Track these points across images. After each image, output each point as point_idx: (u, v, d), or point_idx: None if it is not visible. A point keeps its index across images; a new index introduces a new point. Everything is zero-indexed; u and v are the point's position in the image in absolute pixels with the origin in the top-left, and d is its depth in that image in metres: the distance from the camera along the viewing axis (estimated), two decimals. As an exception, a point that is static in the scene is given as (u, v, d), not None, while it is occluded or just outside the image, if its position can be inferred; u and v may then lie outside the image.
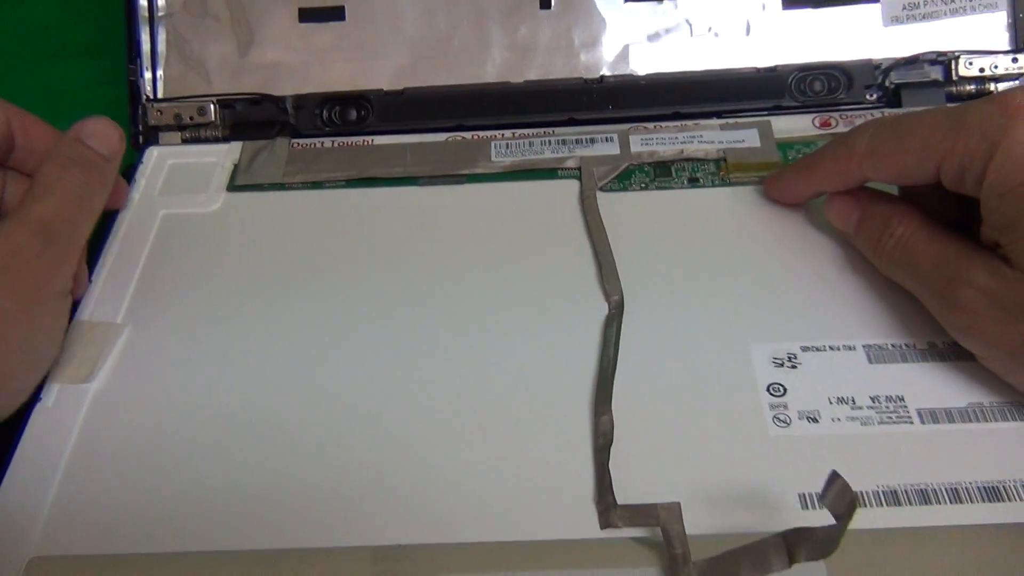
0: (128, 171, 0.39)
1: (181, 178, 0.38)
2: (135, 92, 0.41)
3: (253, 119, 0.41)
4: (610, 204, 0.36)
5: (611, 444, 0.27)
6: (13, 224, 0.29)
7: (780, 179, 0.35)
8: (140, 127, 0.41)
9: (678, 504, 0.24)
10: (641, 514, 0.25)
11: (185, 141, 0.41)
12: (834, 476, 0.22)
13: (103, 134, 0.32)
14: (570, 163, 0.38)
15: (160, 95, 0.41)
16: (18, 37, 0.50)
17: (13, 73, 0.50)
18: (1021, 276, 0.26)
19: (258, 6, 0.41)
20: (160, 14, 0.41)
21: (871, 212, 0.32)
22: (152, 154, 0.40)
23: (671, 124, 0.39)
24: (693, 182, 0.37)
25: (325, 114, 0.41)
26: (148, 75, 0.41)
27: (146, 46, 0.41)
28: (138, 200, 0.37)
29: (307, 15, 0.41)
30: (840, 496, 0.22)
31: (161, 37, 0.41)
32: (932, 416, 0.28)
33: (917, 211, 0.30)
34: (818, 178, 0.33)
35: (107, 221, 0.37)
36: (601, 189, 0.37)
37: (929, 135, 0.28)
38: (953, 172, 0.28)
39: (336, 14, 0.41)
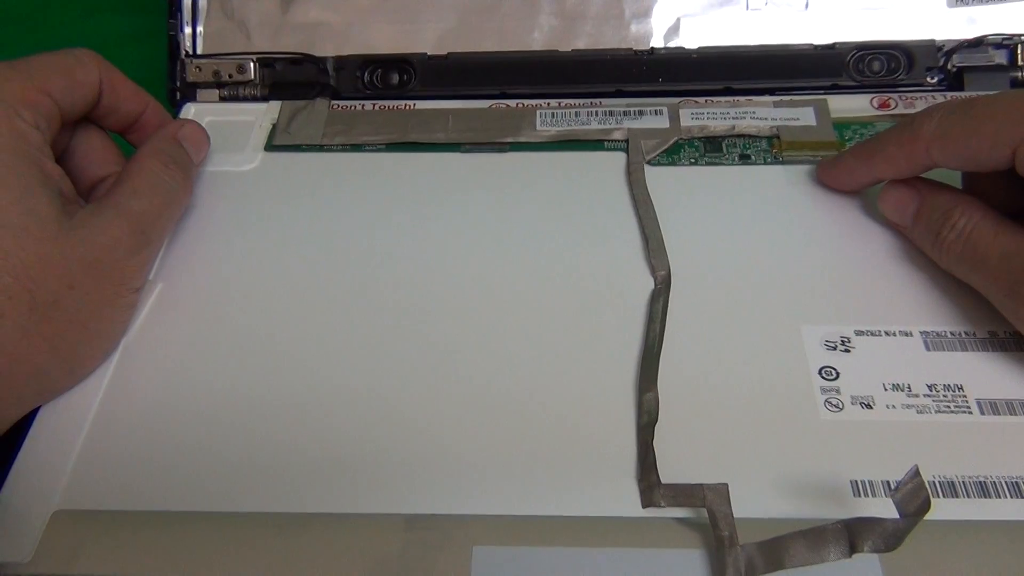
0: (164, 127, 0.39)
1: (218, 136, 0.37)
2: (174, 47, 0.40)
3: (293, 79, 0.40)
4: (658, 178, 0.35)
5: (655, 422, 0.26)
6: (112, 216, 0.28)
7: (836, 165, 0.33)
8: (178, 83, 0.40)
9: (726, 485, 0.23)
10: (686, 494, 0.24)
11: (223, 99, 0.40)
12: (914, 473, 0.21)
13: (197, 140, 0.33)
14: (617, 135, 0.36)
15: (199, 51, 0.40)
16: (55, -9, 0.50)
17: (45, 28, 0.49)
18: None
19: (302, -37, 0.40)
20: (202, -31, 0.40)
21: (930, 203, 0.30)
22: (189, 110, 0.39)
23: (723, 99, 0.38)
24: (744, 159, 0.35)
25: (367, 77, 0.40)
26: (188, 31, 0.40)
27: (187, 1, 0.40)
28: (174, 156, 0.37)
29: (351, -26, 0.40)
30: (914, 494, 0.21)
31: (203, -8, 0.40)
32: (992, 407, 0.27)
33: (980, 202, 0.29)
34: (880, 164, 0.31)
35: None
36: (649, 163, 0.35)
37: (1006, 118, 0.27)
38: None
39: (381, -26, 0.40)
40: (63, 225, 0.27)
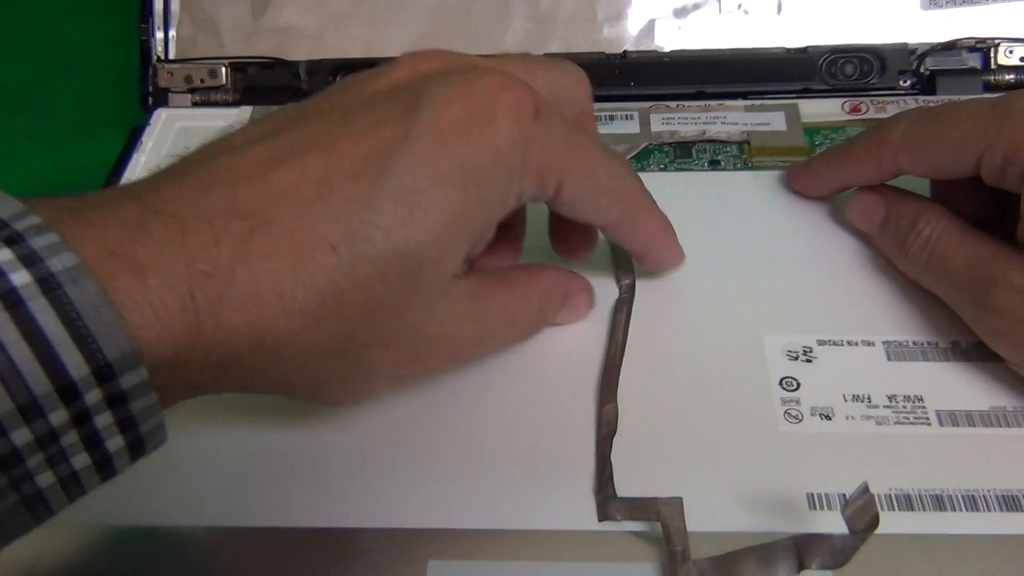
0: (135, 132, 0.39)
1: (190, 141, 0.36)
2: (146, 52, 0.40)
3: (265, 84, 0.40)
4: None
5: (614, 434, 0.26)
6: (490, 301, 0.25)
7: (805, 171, 0.33)
8: (150, 88, 0.40)
9: (680, 499, 0.23)
10: (641, 508, 0.24)
11: (195, 104, 0.40)
12: (863, 489, 0.21)
13: (575, 308, 0.29)
14: (587, 140, 0.36)
15: (171, 56, 0.40)
16: (27, -8, 0.50)
17: (22, 30, 0.49)
18: None
19: (274, -33, 0.40)
20: (174, -28, 0.40)
21: (897, 211, 0.30)
22: (160, 116, 0.39)
23: (694, 104, 0.38)
24: (714, 164, 0.35)
25: (339, 81, 0.40)
26: (160, 35, 0.40)
27: (159, 5, 0.40)
28: (144, 162, 0.37)
29: (324, -23, 0.40)
30: (864, 510, 0.21)
31: (175, -4, 0.40)
32: (952, 418, 0.27)
33: (946, 210, 0.29)
34: (848, 170, 0.31)
35: (114, 179, 0.36)
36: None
37: (971, 125, 0.27)
38: (995, 165, 0.27)
39: (354, -23, 0.40)
40: (448, 284, 0.23)
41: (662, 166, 0.35)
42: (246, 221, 0.20)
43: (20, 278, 0.17)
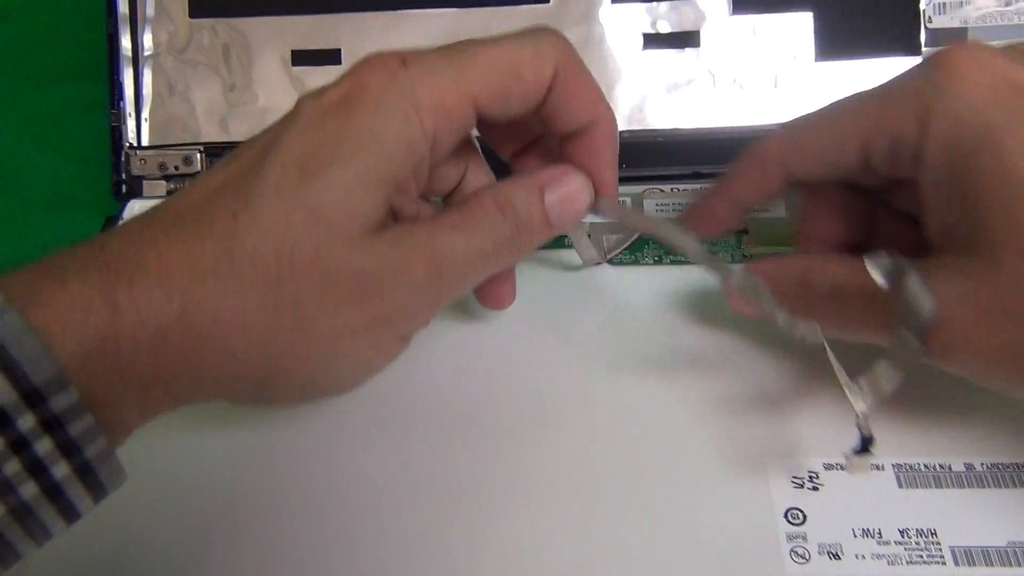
0: (107, 223, 0.37)
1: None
2: (117, 139, 0.38)
3: (242, 169, 0.38)
4: (619, 280, 0.33)
5: None
6: (415, 243, 0.24)
7: (695, 209, 0.30)
8: (123, 175, 0.38)
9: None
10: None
11: (170, 192, 0.38)
12: None
13: (571, 203, 0.27)
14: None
15: (145, 141, 0.38)
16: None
17: (-9, 98, 0.47)
18: (990, 266, 0.23)
19: (249, 48, 0.38)
20: (146, 54, 0.38)
21: (781, 275, 0.27)
22: (133, 208, 0.38)
23: (689, 188, 0.36)
24: (711, 256, 0.34)
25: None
26: (132, 121, 0.38)
27: (129, 90, 0.38)
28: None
29: (300, 58, 0.38)
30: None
31: (146, 79, 0.38)
32: (967, 556, 0.25)
33: (830, 254, 0.27)
34: (734, 188, 0.29)
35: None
36: (609, 262, 0.34)
37: (854, 112, 0.26)
38: (885, 150, 0.25)
39: (331, 57, 0.38)
40: (365, 234, 0.23)
41: (656, 259, 0.34)
42: (158, 224, 0.23)
43: None
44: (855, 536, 0.26)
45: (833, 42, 0.37)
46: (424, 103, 0.23)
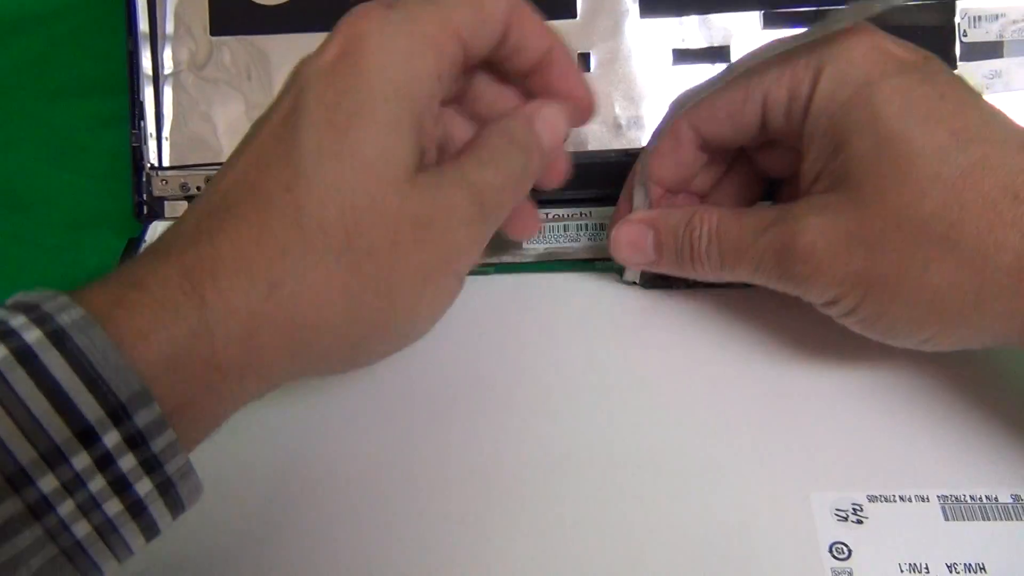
0: (131, 245, 0.37)
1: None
2: (138, 160, 0.37)
3: (265, 189, 0.38)
4: (654, 305, 0.32)
5: None
6: (455, 180, 0.25)
7: (617, 214, 0.32)
8: (144, 196, 0.38)
9: None
10: None
11: (192, 213, 0.38)
12: None
13: (553, 126, 0.28)
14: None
15: (166, 161, 0.38)
16: (16, 73, 0.47)
17: (10, 112, 0.47)
18: (851, 201, 0.26)
19: (270, 65, 0.38)
20: (166, 72, 0.38)
21: (665, 224, 0.30)
22: (156, 229, 0.37)
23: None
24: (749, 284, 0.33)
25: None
26: (152, 141, 0.38)
27: (150, 109, 0.38)
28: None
29: (323, 76, 0.37)
30: None
31: (167, 98, 0.38)
32: (1018, 593, 0.25)
33: (710, 204, 0.31)
34: (651, 165, 0.31)
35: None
36: (642, 285, 0.33)
37: (759, 70, 0.28)
38: (781, 104, 0.28)
39: (355, 75, 0.37)
40: (409, 178, 0.24)
41: (689, 283, 0.33)
42: (213, 216, 0.23)
43: (32, 335, 0.19)
44: (901, 571, 0.25)
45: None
46: (422, 38, 0.25)
